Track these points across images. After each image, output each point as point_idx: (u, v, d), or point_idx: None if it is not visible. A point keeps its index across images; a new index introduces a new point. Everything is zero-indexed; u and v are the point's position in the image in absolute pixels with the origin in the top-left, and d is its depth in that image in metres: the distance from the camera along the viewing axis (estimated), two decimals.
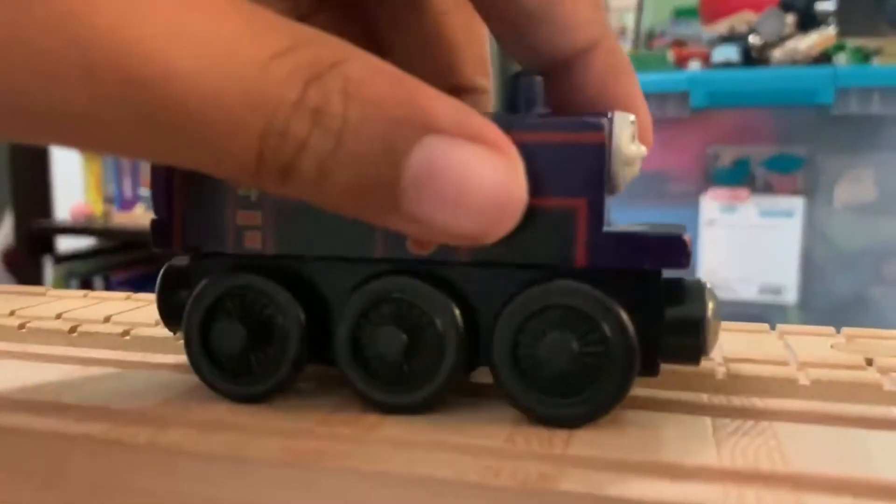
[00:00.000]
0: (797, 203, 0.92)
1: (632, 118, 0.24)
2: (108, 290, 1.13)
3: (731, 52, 1.02)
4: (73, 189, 1.08)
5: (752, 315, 0.90)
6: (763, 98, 0.95)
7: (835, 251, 0.91)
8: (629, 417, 0.25)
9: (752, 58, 1.01)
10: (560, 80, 0.25)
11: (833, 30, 1.00)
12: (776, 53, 1.01)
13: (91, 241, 1.18)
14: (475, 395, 0.27)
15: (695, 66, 1.04)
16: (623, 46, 1.17)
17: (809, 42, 1.00)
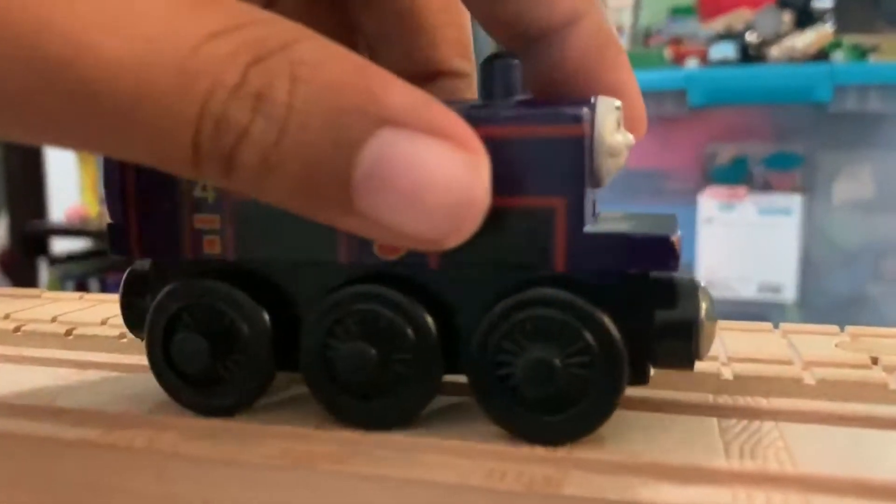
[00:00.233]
0: (795, 201, 0.92)
1: (617, 104, 0.22)
2: (104, 292, 1.12)
3: (729, 50, 1.02)
4: (68, 190, 1.07)
5: (752, 314, 0.90)
6: (761, 96, 0.94)
7: (833, 249, 0.91)
8: (634, 419, 0.24)
9: (750, 55, 1.01)
10: (539, 58, 0.23)
11: (830, 27, 1.00)
12: (773, 51, 1.01)
13: (86, 243, 1.18)
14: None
15: (692, 64, 1.04)
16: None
17: (807, 39, 1.00)
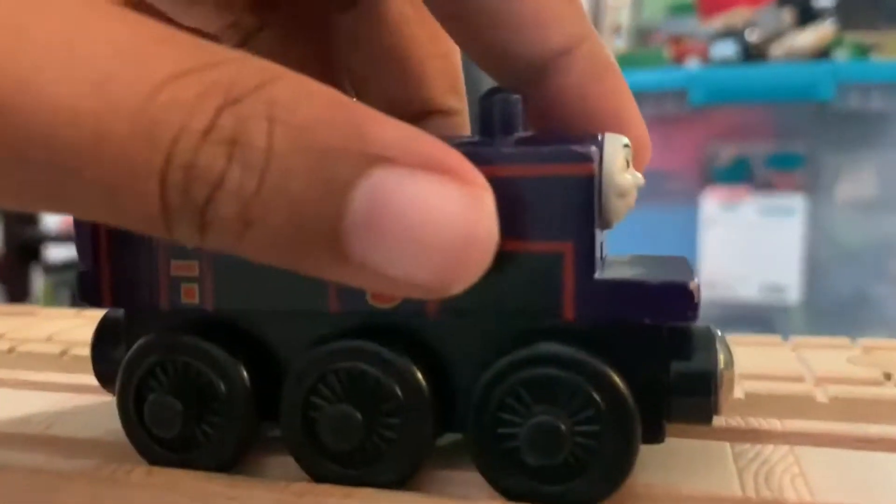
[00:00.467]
0: (798, 201, 0.91)
1: (625, 141, 0.21)
2: None
3: (730, 49, 1.01)
4: None
5: (755, 315, 0.89)
6: (762, 94, 0.94)
7: (837, 249, 0.90)
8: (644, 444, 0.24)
9: (750, 54, 1.00)
10: (536, 90, 0.22)
11: (831, 24, 1.00)
12: (774, 49, 1.00)
13: None
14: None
15: (693, 63, 1.03)
16: (619, 44, 1.16)
17: (808, 37, 0.99)
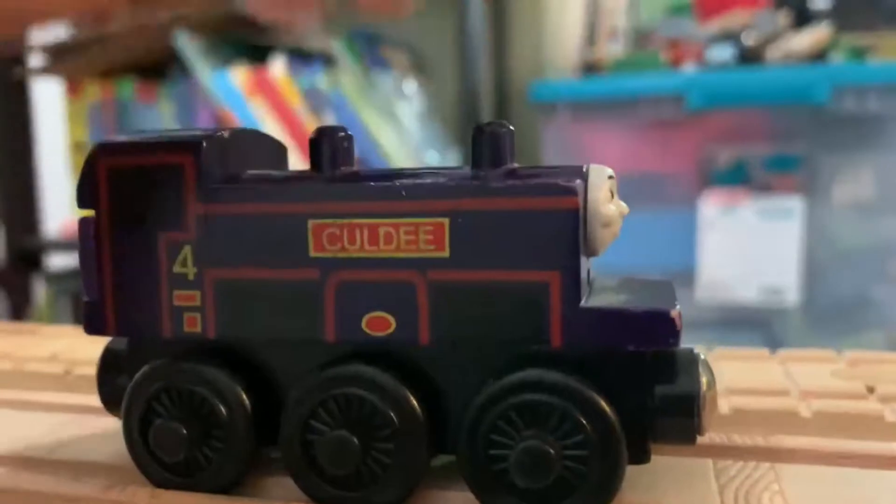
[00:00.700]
0: (796, 203, 0.91)
1: (609, 172, 0.22)
2: None
3: (726, 52, 1.01)
4: (62, 204, 1.07)
5: (754, 318, 0.90)
6: (759, 97, 0.94)
7: (835, 251, 0.91)
8: None
9: (747, 57, 1.01)
10: None
11: (828, 27, 1.00)
12: (771, 52, 1.00)
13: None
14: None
15: (690, 67, 1.03)
16: (616, 48, 1.16)
17: (804, 40, 0.99)
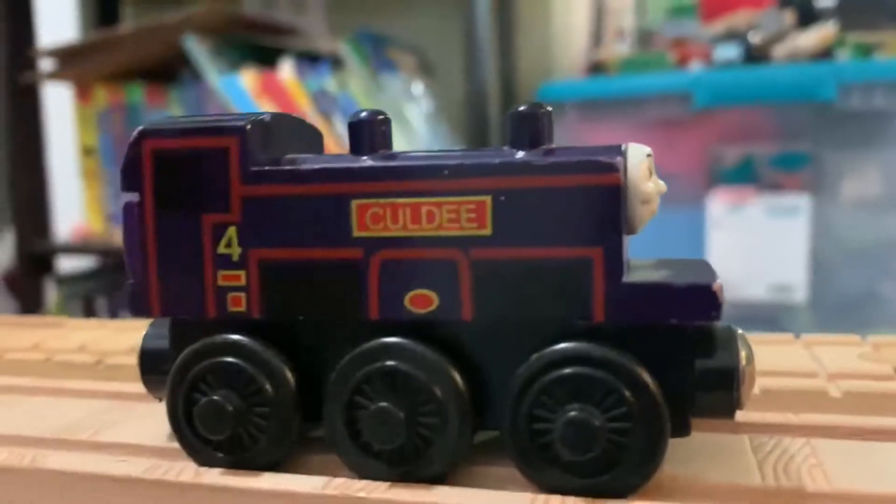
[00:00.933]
0: (804, 201, 0.92)
1: (647, 151, 0.22)
2: (112, 310, 1.12)
3: (732, 51, 1.02)
4: (73, 208, 1.07)
5: (762, 315, 0.90)
6: (766, 96, 0.95)
7: (843, 248, 0.91)
8: None
9: (753, 56, 1.01)
10: None
11: (833, 25, 1.01)
12: (777, 51, 1.01)
13: (92, 262, 1.17)
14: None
15: (696, 66, 1.04)
16: (623, 48, 1.17)
17: (810, 38, 1.00)
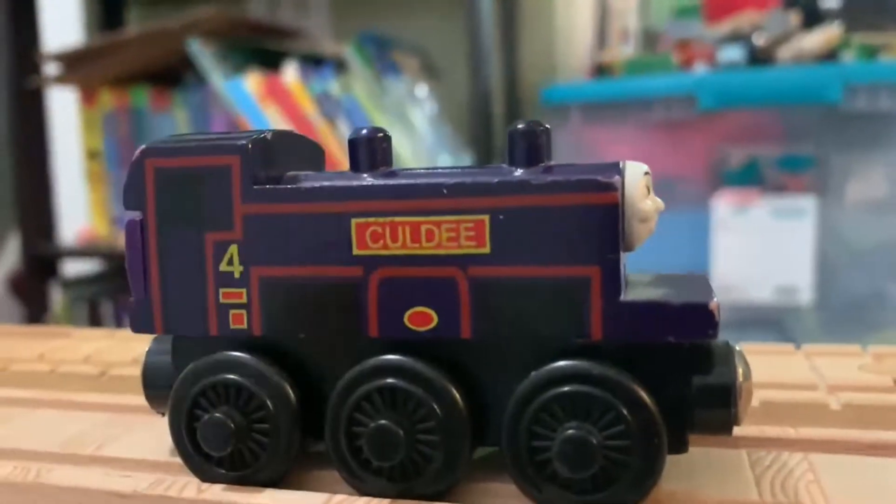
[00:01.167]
0: (809, 202, 0.92)
1: (645, 168, 0.22)
2: (117, 314, 1.12)
3: (737, 53, 1.02)
4: (78, 211, 1.08)
5: (768, 318, 0.90)
6: (771, 97, 0.94)
7: (849, 250, 0.91)
8: None
9: (758, 57, 1.01)
10: None
11: (838, 26, 1.00)
12: (781, 52, 1.01)
13: (96, 265, 1.18)
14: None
15: (701, 68, 1.04)
16: (627, 49, 1.17)
17: (815, 40, 1.00)
